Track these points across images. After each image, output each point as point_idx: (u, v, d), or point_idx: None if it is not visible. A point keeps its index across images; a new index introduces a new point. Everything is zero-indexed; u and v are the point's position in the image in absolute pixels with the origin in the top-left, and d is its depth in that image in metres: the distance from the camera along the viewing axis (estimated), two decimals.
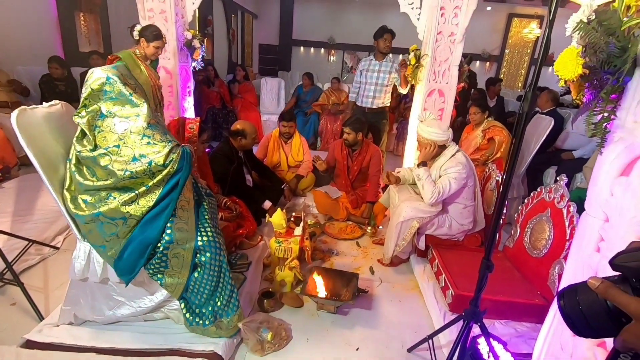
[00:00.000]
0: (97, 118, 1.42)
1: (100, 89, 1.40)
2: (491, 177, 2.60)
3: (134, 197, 1.41)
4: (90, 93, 1.41)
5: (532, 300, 1.92)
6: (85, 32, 5.15)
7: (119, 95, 1.41)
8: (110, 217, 1.41)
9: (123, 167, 1.38)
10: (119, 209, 1.40)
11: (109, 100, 1.41)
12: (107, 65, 1.45)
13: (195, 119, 2.41)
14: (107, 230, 1.43)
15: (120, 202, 1.40)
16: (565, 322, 0.56)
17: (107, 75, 1.40)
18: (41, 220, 2.55)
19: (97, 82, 1.40)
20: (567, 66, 0.90)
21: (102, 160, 1.38)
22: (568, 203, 1.87)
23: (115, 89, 1.41)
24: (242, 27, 9.25)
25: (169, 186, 1.45)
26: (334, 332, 1.88)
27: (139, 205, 1.42)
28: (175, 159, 1.42)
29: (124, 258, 1.45)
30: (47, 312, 1.80)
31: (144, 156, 1.39)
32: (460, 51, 3.13)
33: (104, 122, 1.41)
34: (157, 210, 1.44)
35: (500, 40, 10.41)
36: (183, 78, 3.49)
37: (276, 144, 3.48)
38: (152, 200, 1.43)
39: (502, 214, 1.23)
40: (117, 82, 1.41)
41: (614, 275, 0.54)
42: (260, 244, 2.52)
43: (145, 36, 2.49)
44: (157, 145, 1.41)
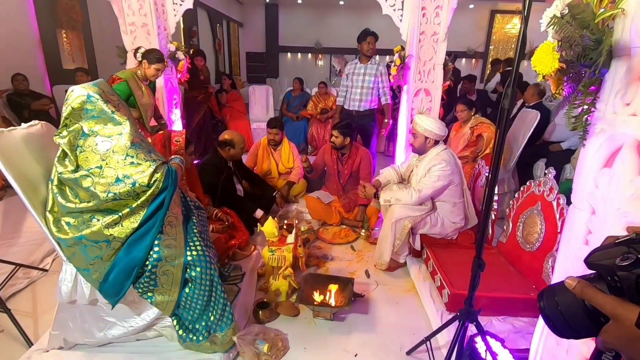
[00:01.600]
0: (79, 137, 1.38)
1: (81, 108, 1.36)
2: (481, 173, 2.61)
3: (117, 219, 1.37)
4: (70, 112, 1.36)
5: (528, 294, 1.91)
6: (68, 49, 5.11)
7: (101, 113, 1.37)
8: (94, 240, 1.38)
9: (106, 189, 1.34)
10: (102, 231, 1.37)
11: (90, 118, 1.37)
12: (87, 83, 1.41)
13: (182, 131, 2.38)
14: (90, 254, 1.40)
15: (104, 224, 1.36)
16: (545, 323, 0.55)
17: (88, 93, 1.37)
18: (28, 242, 2.50)
19: (78, 101, 1.36)
20: (543, 61, 0.89)
21: (84, 182, 1.35)
22: (557, 195, 1.88)
23: (97, 107, 1.37)
24: (228, 36, 9.25)
25: (153, 206, 1.41)
26: (331, 340, 1.86)
27: (123, 227, 1.39)
28: (159, 178, 1.39)
29: (109, 281, 1.41)
30: (36, 337, 1.76)
31: (128, 177, 1.36)
32: (444, 50, 3.15)
33: (86, 142, 1.37)
34: (142, 232, 1.41)
35: (484, 37, 10.52)
36: (168, 90, 3.47)
37: (265, 151, 3.46)
38: (137, 221, 1.40)
39: (489, 213, 1.22)
40: (99, 100, 1.37)
41: (591, 274, 0.53)
42: (253, 254, 2.49)
43: (148, 58, 2.63)
44: (141, 165, 1.38)
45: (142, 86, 2.68)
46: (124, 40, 3.22)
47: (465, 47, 10.26)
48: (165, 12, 3.30)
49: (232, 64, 9.67)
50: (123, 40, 3.23)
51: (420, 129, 2.26)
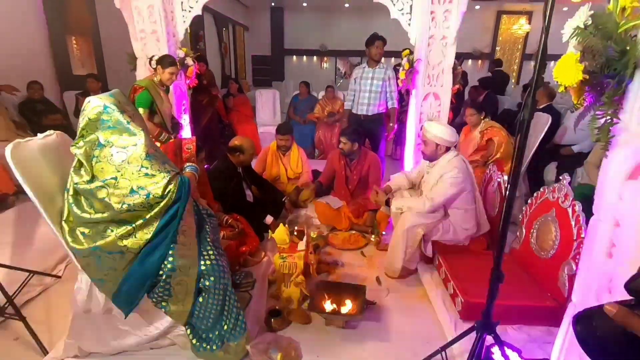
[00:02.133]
0: (95, 148, 1.39)
1: (97, 118, 1.37)
2: (493, 178, 2.58)
3: (131, 230, 1.38)
4: (87, 123, 1.38)
5: (544, 303, 1.89)
6: (78, 55, 5.17)
7: (117, 124, 1.38)
8: (108, 251, 1.39)
9: (120, 200, 1.35)
10: (115, 242, 1.37)
11: (106, 129, 1.37)
12: (103, 93, 1.42)
13: (192, 138, 2.39)
14: (104, 264, 1.40)
15: (117, 235, 1.37)
16: (582, 347, 0.54)
17: (105, 104, 1.37)
18: (41, 249, 2.52)
19: (95, 111, 1.36)
20: (566, 73, 0.88)
21: (100, 193, 1.35)
22: (573, 202, 1.85)
23: (112, 117, 1.37)
24: (233, 40, 9.30)
25: (167, 217, 1.42)
26: (344, 348, 1.84)
27: (136, 239, 1.39)
28: (173, 190, 1.40)
29: (122, 292, 1.42)
30: (51, 345, 1.76)
31: (142, 188, 1.36)
32: (453, 53, 3.13)
33: (102, 152, 1.38)
34: (155, 243, 1.41)
35: (490, 38, 10.47)
36: (178, 96, 3.49)
37: (274, 156, 3.46)
38: (150, 232, 1.40)
39: (508, 224, 1.20)
40: (115, 110, 1.38)
41: (630, 300, 0.51)
42: (264, 260, 2.49)
43: (162, 63, 2.73)
44: (155, 176, 1.38)
45: (160, 92, 2.77)
46: (133, 46, 3.25)
47: (471, 48, 10.21)
48: (174, 18, 3.32)
49: (238, 67, 9.73)
50: (133, 47, 3.26)
51: (430, 136, 2.25)
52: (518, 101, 5.58)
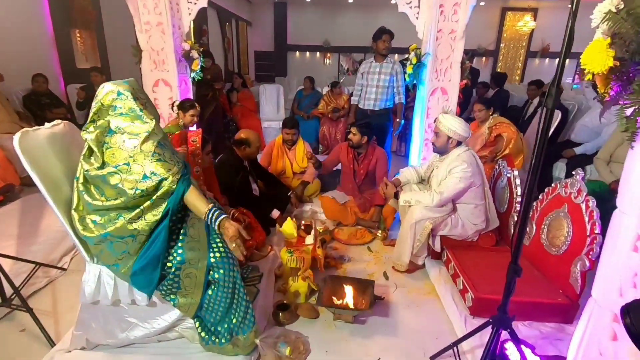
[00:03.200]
0: (106, 134, 1.37)
1: (110, 104, 1.35)
2: (502, 174, 2.56)
3: (139, 213, 1.37)
4: (99, 108, 1.36)
5: (555, 299, 1.87)
6: (81, 48, 5.14)
7: (130, 111, 1.36)
8: (119, 236, 1.38)
9: (133, 186, 1.34)
10: (125, 226, 1.37)
11: (118, 115, 1.36)
12: (118, 80, 1.40)
13: (198, 131, 2.37)
14: (117, 249, 1.40)
15: (127, 219, 1.36)
16: (633, 341, 0.51)
17: (119, 90, 1.35)
18: (47, 241, 2.51)
19: (109, 97, 1.35)
20: (596, 59, 0.85)
21: (112, 178, 1.34)
22: (586, 198, 1.82)
23: (126, 104, 1.36)
24: (236, 35, 9.25)
25: (173, 198, 1.41)
26: (352, 343, 1.82)
27: (146, 221, 1.38)
28: (173, 180, 1.40)
29: (138, 273, 1.42)
30: (58, 337, 1.75)
31: (155, 174, 1.35)
32: (462, 48, 3.10)
33: (112, 139, 1.37)
34: (164, 224, 1.41)
35: (495, 35, 10.40)
36: (183, 90, 3.46)
37: (280, 151, 3.44)
38: (159, 213, 1.39)
39: (527, 219, 1.18)
40: (129, 97, 1.36)
41: None
42: (270, 255, 2.47)
43: (182, 108, 2.93)
44: (167, 163, 1.38)
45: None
46: (138, 38, 3.22)
47: (476, 45, 10.14)
48: (180, 10, 3.29)
49: (241, 63, 9.68)
50: (138, 39, 3.23)
51: (444, 129, 2.21)
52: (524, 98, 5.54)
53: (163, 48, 3.23)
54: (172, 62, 3.26)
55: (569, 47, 0.94)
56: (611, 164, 2.79)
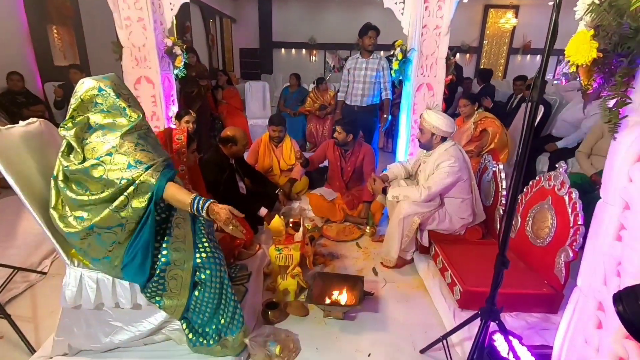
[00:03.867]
0: (85, 131, 1.32)
1: (90, 100, 1.31)
2: (487, 168, 2.59)
3: (124, 201, 1.31)
4: (79, 104, 1.31)
5: (541, 290, 1.90)
6: (59, 45, 4.96)
7: (112, 108, 1.32)
8: (107, 227, 1.33)
9: (119, 176, 1.29)
10: (112, 216, 1.31)
11: (99, 112, 1.31)
12: (98, 76, 1.35)
13: (182, 128, 2.32)
14: (107, 240, 1.35)
15: (113, 208, 1.31)
16: (626, 328, 0.51)
17: (100, 86, 1.31)
18: (25, 245, 2.42)
19: (89, 93, 1.30)
20: (580, 50, 0.86)
21: (95, 171, 1.29)
22: (569, 190, 1.86)
23: (107, 101, 1.31)
24: (221, 32, 9.12)
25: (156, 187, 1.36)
26: (343, 339, 1.82)
27: (133, 207, 1.33)
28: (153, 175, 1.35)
29: (130, 264, 1.38)
30: (38, 344, 1.69)
31: (140, 162, 1.31)
32: (447, 44, 3.12)
33: (92, 135, 1.32)
34: (150, 208, 1.36)
35: (478, 32, 10.54)
36: (166, 87, 3.38)
37: (267, 148, 3.41)
38: (145, 200, 1.34)
39: (514, 211, 1.18)
40: (110, 94, 1.31)
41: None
42: (258, 253, 2.44)
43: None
44: (151, 153, 1.35)
45: None
46: (119, 35, 3.12)
47: (459, 42, 10.26)
48: (162, 6, 3.21)
49: (226, 60, 9.56)
50: (118, 35, 3.13)
51: (427, 125, 2.22)
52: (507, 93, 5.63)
53: (145, 44, 3.14)
54: (154, 58, 3.18)
55: (553, 38, 0.95)
56: (592, 156, 2.86)
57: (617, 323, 0.94)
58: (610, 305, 0.98)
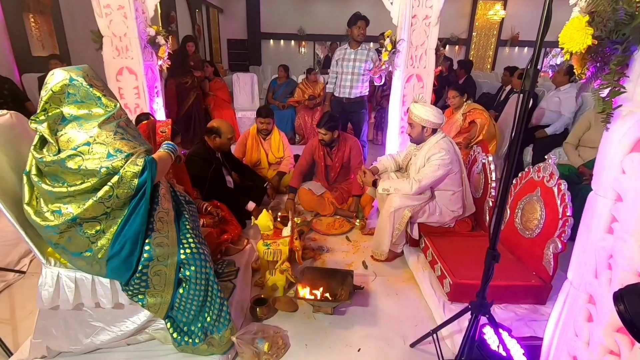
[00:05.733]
0: (59, 122, 1.25)
1: (62, 91, 1.23)
2: (477, 160, 2.57)
3: (109, 191, 1.24)
4: (51, 96, 1.23)
5: (529, 282, 1.90)
6: (37, 34, 4.77)
7: (85, 98, 1.25)
8: (91, 217, 1.26)
9: (98, 165, 1.22)
10: (96, 206, 1.24)
11: (72, 103, 1.24)
12: (70, 67, 1.28)
13: (167, 121, 2.24)
14: (89, 230, 1.27)
15: (97, 199, 1.23)
16: (627, 328, 0.49)
17: (71, 76, 1.23)
18: (2, 243, 2.32)
19: (59, 84, 1.22)
20: (574, 37, 0.83)
21: (72, 162, 1.21)
22: (558, 181, 1.85)
23: (80, 91, 1.24)
24: (207, 22, 8.92)
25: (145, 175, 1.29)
26: (332, 334, 1.80)
27: (119, 199, 1.26)
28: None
29: (115, 256, 1.30)
30: (15, 346, 1.62)
31: (120, 151, 1.24)
32: (436, 34, 3.08)
33: (67, 126, 1.25)
34: (145, 197, 1.30)
35: (467, 24, 10.53)
36: (149, 78, 3.27)
37: (255, 141, 3.34)
38: (132, 189, 1.27)
39: (505, 206, 1.16)
40: (83, 83, 1.24)
41: None
42: (247, 248, 2.40)
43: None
44: (131, 142, 1.28)
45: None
46: (98, 23, 3.00)
47: (449, 33, 10.24)
48: None
49: (213, 51, 9.37)
50: (98, 24, 3.01)
51: (416, 119, 2.19)
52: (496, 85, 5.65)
53: (126, 33, 3.03)
54: (136, 48, 3.07)
55: (546, 25, 0.92)
56: (579, 148, 2.87)
57: (608, 316, 0.94)
58: (601, 298, 0.97)
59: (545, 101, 3.79)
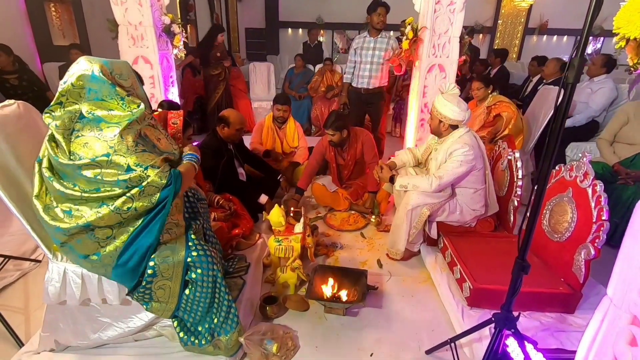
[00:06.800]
0: (76, 120, 1.16)
1: (82, 86, 1.14)
2: (502, 156, 2.42)
3: (128, 202, 1.19)
4: (69, 89, 1.14)
5: (556, 289, 1.77)
6: (57, 23, 4.82)
7: (107, 96, 1.16)
8: (104, 225, 1.21)
9: (115, 177, 1.16)
10: (111, 216, 1.19)
11: (92, 100, 1.15)
12: (99, 58, 1.19)
13: (179, 112, 2.19)
14: (101, 236, 1.22)
15: (114, 209, 1.18)
16: None
17: (93, 71, 1.14)
18: (19, 232, 2.35)
19: (80, 78, 1.14)
20: (633, 20, 0.70)
21: (88, 171, 1.15)
22: (593, 182, 1.70)
23: (102, 89, 1.15)
24: (226, 10, 8.85)
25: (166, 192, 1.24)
26: (344, 337, 1.73)
27: (137, 211, 1.21)
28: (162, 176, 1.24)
29: (124, 262, 1.26)
30: (28, 336, 1.63)
31: (140, 165, 1.18)
32: (461, 21, 2.91)
33: (86, 126, 1.16)
34: (164, 212, 1.26)
35: (492, 11, 10.06)
36: (164, 68, 3.24)
37: (270, 130, 3.27)
38: (152, 202, 1.22)
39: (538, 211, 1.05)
40: (106, 80, 1.15)
41: None
42: (258, 243, 2.35)
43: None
44: (152, 154, 1.22)
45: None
46: (114, 11, 2.97)
47: (473, 21, 9.82)
48: None
49: (231, 40, 9.30)
50: (114, 12, 2.98)
51: (434, 111, 2.06)
52: (522, 76, 5.37)
53: (141, 22, 3.00)
54: (151, 37, 3.03)
55: (597, 9, 0.79)
56: (615, 144, 2.66)
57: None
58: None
59: (576, 92, 3.55)
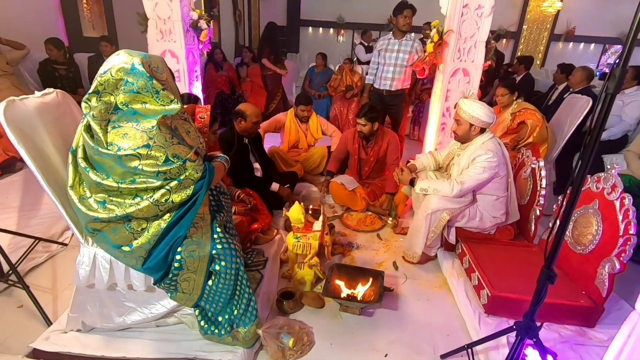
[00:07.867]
0: (111, 111, 1.20)
1: (120, 78, 1.17)
2: (525, 164, 2.39)
3: (167, 195, 1.23)
4: (107, 79, 1.17)
5: (577, 301, 1.74)
6: (88, 15, 4.96)
7: (142, 89, 1.18)
8: (142, 217, 1.26)
9: (155, 170, 1.20)
10: (151, 208, 1.23)
11: (127, 92, 1.18)
12: (138, 52, 1.22)
13: (206, 107, 2.23)
14: (136, 227, 1.27)
15: (153, 202, 1.22)
16: None
17: (133, 63, 1.18)
18: (48, 215, 2.45)
19: (122, 70, 1.17)
20: None
21: (130, 162, 1.18)
22: (622, 195, 1.67)
23: (139, 81, 1.18)
24: (248, 7, 8.93)
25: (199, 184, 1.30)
26: (359, 336, 1.74)
27: (174, 204, 1.26)
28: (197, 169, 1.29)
29: (154, 255, 1.31)
30: (55, 315, 1.70)
31: (177, 157, 1.23)
32: (488, 26, 2.88)
33: (121, 118, 1.20)
34: (188, 205, 1.30)
35: (517, 16, 9.86)
36: (190, 62, 3.30)
37: (293, 123, 3.33)
38: (187, 195, 1.27)
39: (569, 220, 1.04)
40: (144, 74, 1.18)
41: None
42: (276, 238, 2.38)
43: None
44: (187, 146, 1.27)
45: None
46: (144, 5, 3.04)
47: (497, 26, 9.64)
48: None
49: (252, 36, 9.38)
50: (144, 6, 3.06)
51: (465, 115, 2.04)
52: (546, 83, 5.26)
53: (170, 16, 3.06)
54: (179, 32, 3.10)
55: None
56: None
57: None
58: None
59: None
